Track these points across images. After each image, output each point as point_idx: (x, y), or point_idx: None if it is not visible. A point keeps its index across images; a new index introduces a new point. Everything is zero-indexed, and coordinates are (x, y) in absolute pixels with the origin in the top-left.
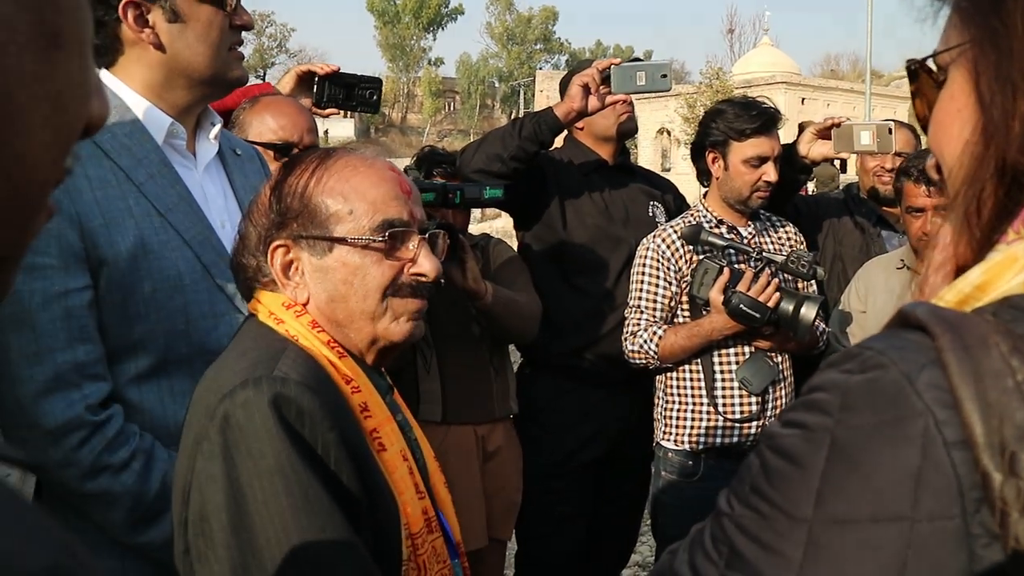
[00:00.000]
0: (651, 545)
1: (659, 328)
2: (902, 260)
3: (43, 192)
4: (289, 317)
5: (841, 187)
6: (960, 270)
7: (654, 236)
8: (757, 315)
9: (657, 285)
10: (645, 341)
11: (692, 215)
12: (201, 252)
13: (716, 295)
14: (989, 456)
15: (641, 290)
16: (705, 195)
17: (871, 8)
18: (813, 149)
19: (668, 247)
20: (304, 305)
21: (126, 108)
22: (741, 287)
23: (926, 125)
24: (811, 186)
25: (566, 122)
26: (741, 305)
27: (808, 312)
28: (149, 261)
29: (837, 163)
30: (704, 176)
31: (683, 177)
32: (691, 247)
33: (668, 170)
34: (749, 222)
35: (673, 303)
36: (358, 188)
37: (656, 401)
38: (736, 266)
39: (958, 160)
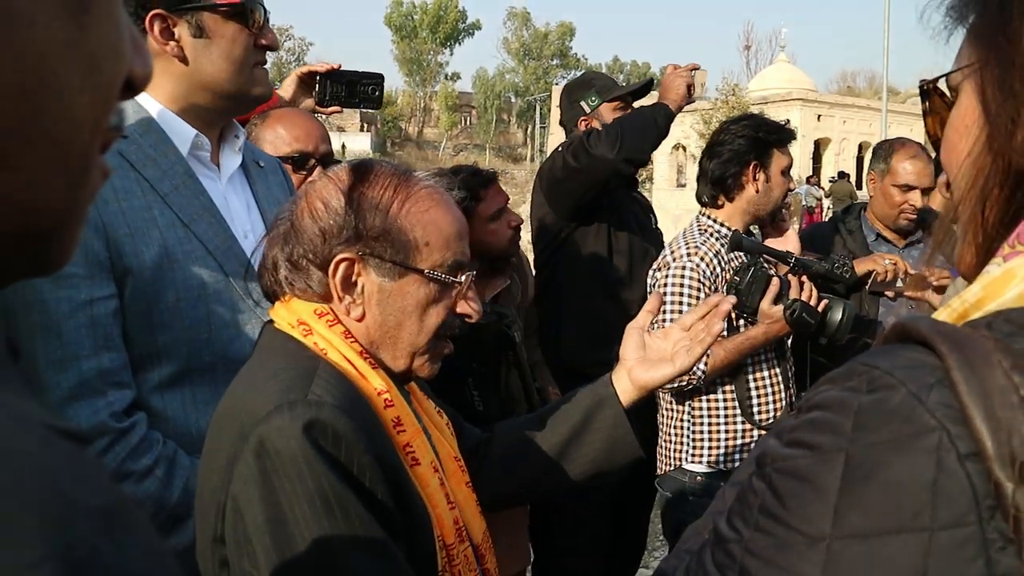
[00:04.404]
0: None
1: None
2: None
3: (90, 152)
4: (321, 326)
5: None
6: (968, 278)
7: (690, 255)
8: (812, 322)
9: (685, 305)
10: None
11: (703, 228)
12: (224, 262)
13: (771, 306)
14: (1000, 467)
15: (676, 311)
16: (713, 212)
17: (888, 25)
18: None
19: (707, 265)
20: (359, 320)
21: (151, 120)
22: (794, 295)
23: (938, 144)
24: (827, 202)
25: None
26: (803, 314)
27: (835, 314)
28: (173, 271)
29: (853, 179)
30: (724, 193)
31: None
32: (722, 266)
33: (683, 186)
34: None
35: None
36: (437, 222)
37: (677, 426)
38: (769, 271)
39: (963, 171)
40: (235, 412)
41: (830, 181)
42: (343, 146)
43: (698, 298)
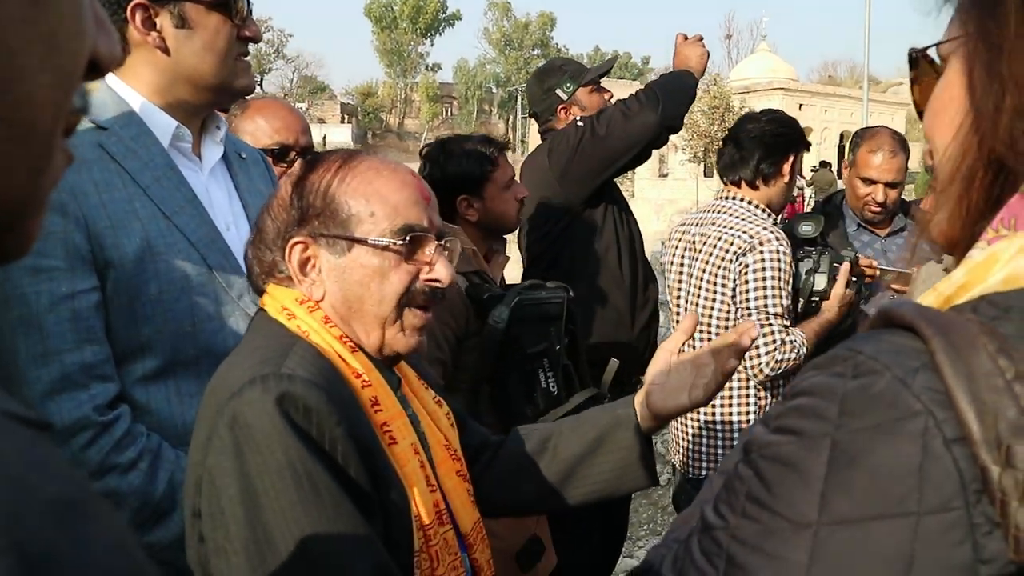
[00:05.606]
0: None
1: (798, 329)
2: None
3: (52, 134)
4: (302, 312)
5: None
6: (946, 249)
7: (777, 237)
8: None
9: (784, 289)
10: (799, 344)
11: (759, 210)
12: (207, 254)
13: (845, 290)
14: (986, 451)
15: (778, 295)
16: (749, 194)
17: (869, 14)
18: None
19: (789, 251)
20: (318, 302)
21: (132, 111)
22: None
23: (923, 114)
24: (809, 191)
25: None
26: (863, 300)
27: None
28: (155, 263)
29: (834, 169)
30: (763, 178)
31: (680, 183)
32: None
33: (666, 175)
34: None
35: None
36: (380, 191)
37: (743, 419)
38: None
39: (949, 149)
40: (215, 388)
41: (812, 170)
42: (324, 138)
43: (787, 282)
